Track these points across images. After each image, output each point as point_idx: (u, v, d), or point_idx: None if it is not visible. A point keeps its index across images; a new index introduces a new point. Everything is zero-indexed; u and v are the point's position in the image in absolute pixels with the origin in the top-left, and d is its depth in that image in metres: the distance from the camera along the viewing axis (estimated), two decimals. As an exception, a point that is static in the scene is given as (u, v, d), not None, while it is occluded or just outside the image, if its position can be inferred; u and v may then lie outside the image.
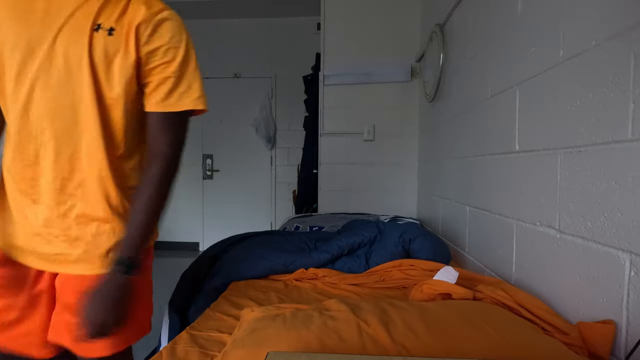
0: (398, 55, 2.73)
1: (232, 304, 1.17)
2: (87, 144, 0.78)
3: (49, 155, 0.77)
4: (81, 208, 0.80)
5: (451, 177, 1.87)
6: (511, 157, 1.18)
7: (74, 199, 0.80)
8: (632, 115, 0.69)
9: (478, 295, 0.98)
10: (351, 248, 1.52)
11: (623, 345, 0.71)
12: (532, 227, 1.04)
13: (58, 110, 0.76)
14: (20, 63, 0.75)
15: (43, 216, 0.79)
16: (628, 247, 0.69)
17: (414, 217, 2.62)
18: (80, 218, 0.80)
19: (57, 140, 0.77)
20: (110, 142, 0.80)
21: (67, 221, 0.80)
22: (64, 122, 0.77)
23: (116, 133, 0.81)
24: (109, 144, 0.80)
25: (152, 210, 0.81)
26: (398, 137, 2.78)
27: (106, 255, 0.81)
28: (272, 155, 4.31)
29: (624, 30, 0.71)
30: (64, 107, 0.76)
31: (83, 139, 0.78)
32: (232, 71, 4.23)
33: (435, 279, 1.04)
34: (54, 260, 0.81)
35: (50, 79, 0.75)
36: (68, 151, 0.78)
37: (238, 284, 1.36)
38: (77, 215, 0.80)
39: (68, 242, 0.80)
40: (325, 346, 0.69)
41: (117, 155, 0.82)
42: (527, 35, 1.09)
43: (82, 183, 0.80)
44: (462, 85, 1.72)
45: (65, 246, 0.80)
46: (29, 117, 0.76)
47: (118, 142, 0.81)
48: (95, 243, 0.81)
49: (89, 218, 0.81)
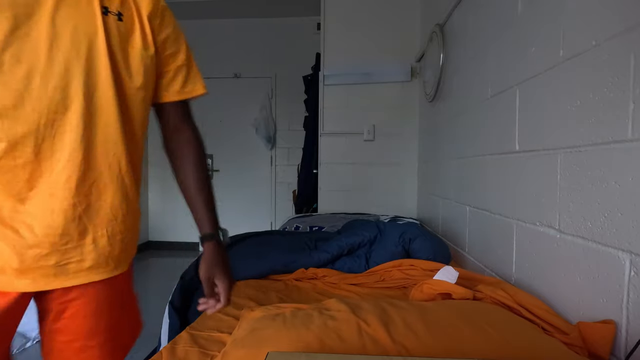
0: (398, 55, 2.73)
1: (231, 303, 1.17)
2: (105, 137, 0.71)
3: (58, 151, 0.67)
4: (98, 208, 0.73)
5: (451, 177, 1.87)
6: (511, 157, 1.18)
7: (89, 198, 0.71)
8: (632, 115, 0.69)
9: (478, 295, 0.98)
10: (351, 248, 1.52)
11: (623, 345, 0.71)
12: (532, 227, 1.04)
13: (67, 101, 0.66)
14: (5, 39, 0.61)
15: (46, 224, 0.67)
16: (628, 247, 0.69)
17: (414, 217, 2.62)
18: (96, 219, 0.73)
19: (67, 134, 0.67)
20: (129, 135, 0.76)
21: (81, 225, 0.71)
22: (75, 114, 0.67)
23: (135, 124, 0.78)
24: (128, 137, 0.75)
25: (210, 189, 0.89)
26: (398, 137, 2.78)
27: (119, 256, 0.78)
28: (272, 155, 4.30)
29: (624, 30, 0.71)
30: (73, 97, 0.66)
31: (99, 132, 0.70)
32: (232, 71, 4.23)
33: (435, 278, 1.04)
34: (61, 272, 0.71)
35: (53, 63, 0.64)
36: (82, 146, 0.68)
37: (238, 284, 1.36)
38: (93, 217, 0.72)
39: (81, 247, 0.72)
40: (324, 346, 0.69)
41: (136, 147, 0.79)
42: (527, 35, 1.09)
43: (97, 180, 0.72)
44: (462, 85, 1.72)
45: (78, 252, 0.71)
46: (25, 107, 0.63)
47: (137, 133, 0.79)
48: (111, 244, 0.76)
49: (107, 218, 0.74)
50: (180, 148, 0.86)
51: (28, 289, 0.70)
